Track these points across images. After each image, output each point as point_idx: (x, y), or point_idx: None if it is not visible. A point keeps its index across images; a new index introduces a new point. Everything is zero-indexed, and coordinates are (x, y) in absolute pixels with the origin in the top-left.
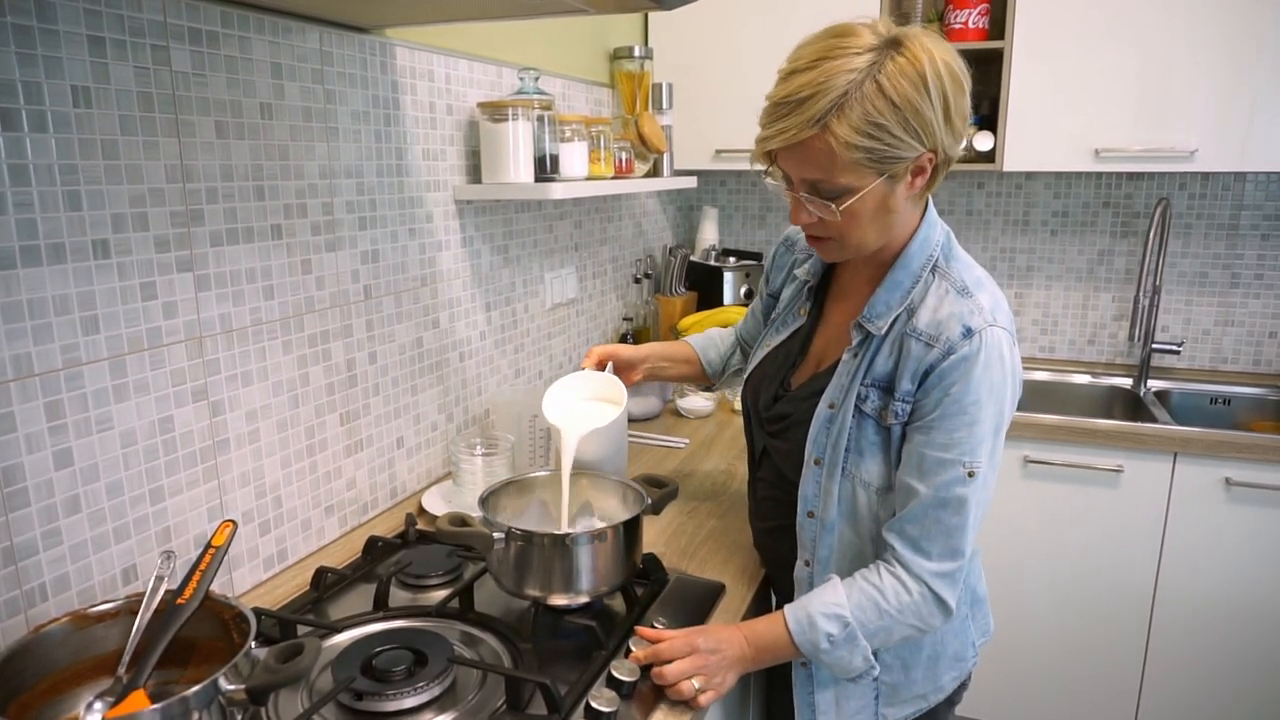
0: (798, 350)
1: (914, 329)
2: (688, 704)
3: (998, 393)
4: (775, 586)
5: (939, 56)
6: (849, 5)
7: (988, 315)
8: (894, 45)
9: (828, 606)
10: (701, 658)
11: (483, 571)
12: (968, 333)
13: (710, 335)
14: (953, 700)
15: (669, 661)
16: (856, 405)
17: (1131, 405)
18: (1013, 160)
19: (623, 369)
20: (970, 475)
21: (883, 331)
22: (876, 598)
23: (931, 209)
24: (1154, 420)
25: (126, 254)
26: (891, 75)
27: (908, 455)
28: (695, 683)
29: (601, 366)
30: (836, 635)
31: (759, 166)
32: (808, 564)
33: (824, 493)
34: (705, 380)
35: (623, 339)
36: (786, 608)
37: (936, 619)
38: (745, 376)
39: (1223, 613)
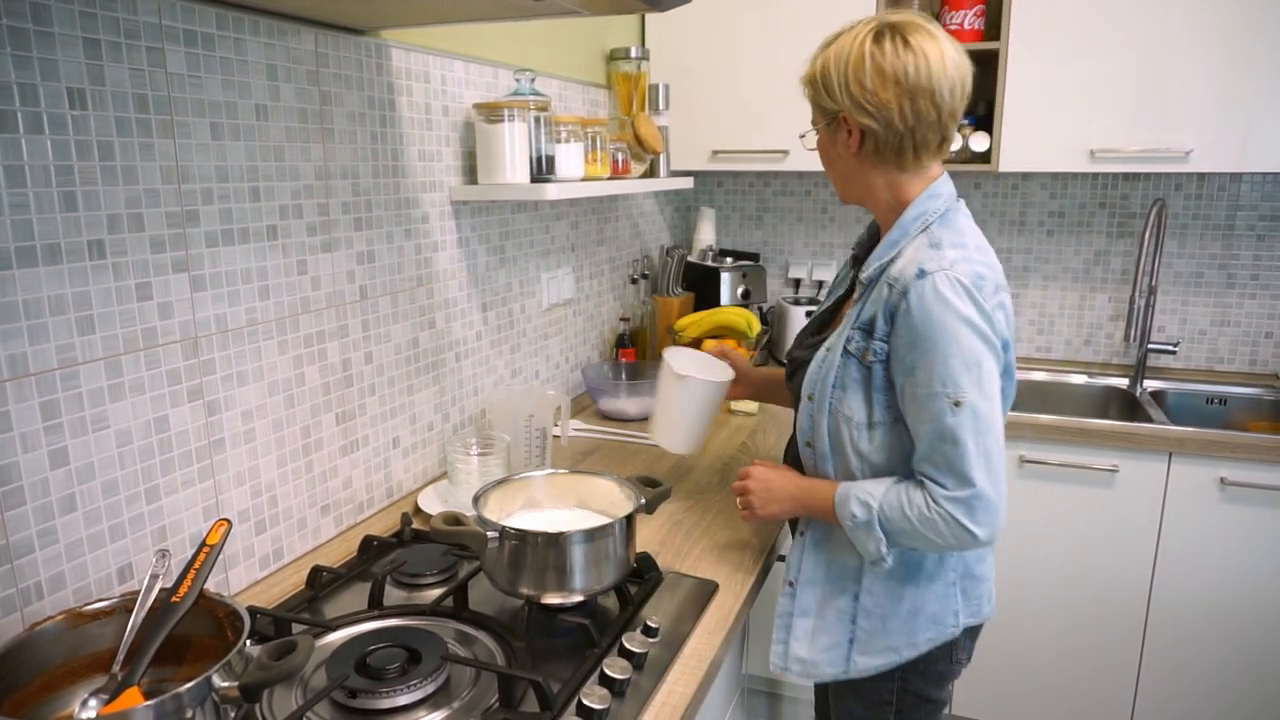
0: (830, 313)
1: (889, 274)
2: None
3: (964, 325)
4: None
5: (859, 44)
6: (844, 6)
7: (944, 263)
8: (847, 30)
9: (864, 493)
10: (754, 482)
11: (477, 570)
12: (921, 274)
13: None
14: (931, 674)
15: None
16: (844, 346)
17: (1127, 405)
18: (1009, 161)
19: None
20: (957, 405)
21: (870, 278)
22: (904, 503)
23: (939, 186)
24: (1150, 420)
25: (122, 255)
26: (835, 43)
27: (902, 403)
28: (750, 500)
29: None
30: (859, 518)
31: (803, 128)
32: None
33: (815, 426)
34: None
35: (619, 339)
36: (841, 482)
37: (965, 539)
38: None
39: (1218, 612)
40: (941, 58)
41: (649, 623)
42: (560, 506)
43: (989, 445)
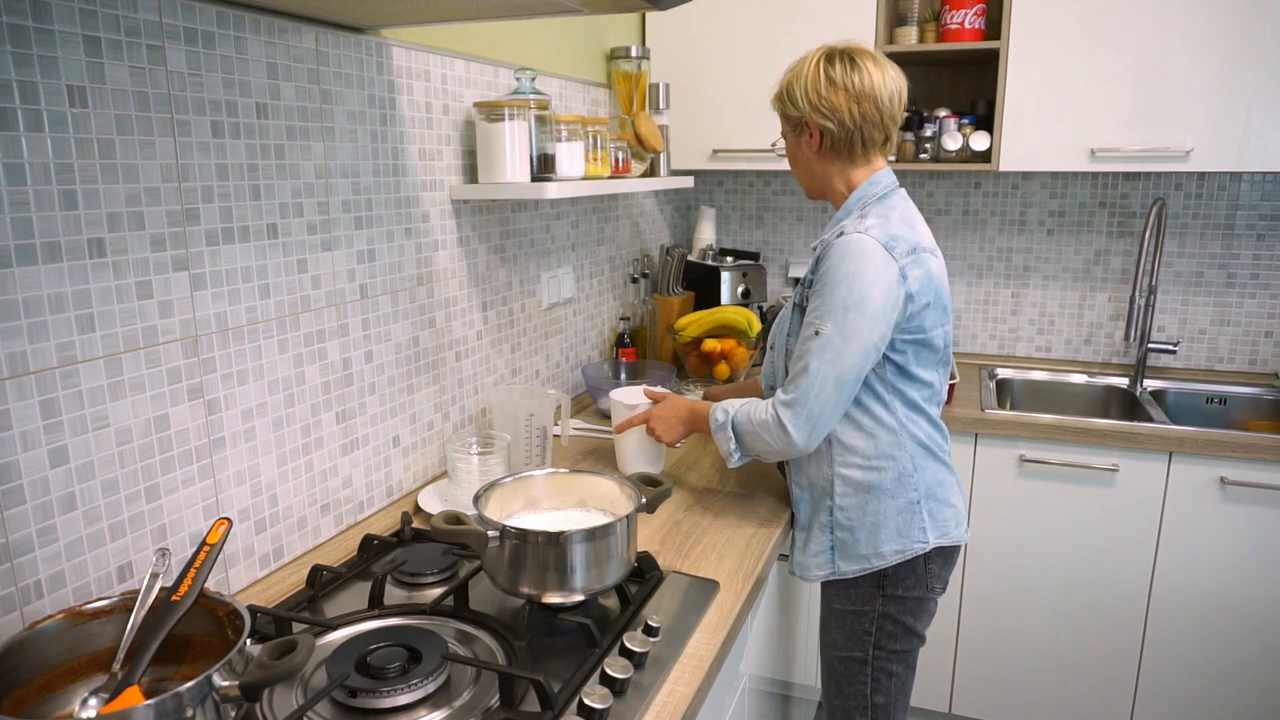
0: None
1: (822, 240)
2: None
3: (851, 278)
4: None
5: (814, 64)
6: (844, 6)
7: (861, 227)
8: (802, 58)
9: (729, 405)
10: (654, 421)
11: (477, 569)
12: (839, 235)
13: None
14: (908, 601)
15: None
16: (795, 302)
17: (1127, 405)
18: (1009, 160)
19: None
20: (816, 334)
21: (815, 247)
22: (751, 411)
23: (880, 176)
24: (1150, 420)
25: (122, 253)
26: (793, 68)
27: None
28: (657, 434)
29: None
30: (719, 420)
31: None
32: None
33: (776, 370)
34: None
35: (620, 338)
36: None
37: (781, 439)
38: None
39: (1217, 611)
40: (881, 74)
41: (650, 622)
42: (561, 506)
43: (827, 372)
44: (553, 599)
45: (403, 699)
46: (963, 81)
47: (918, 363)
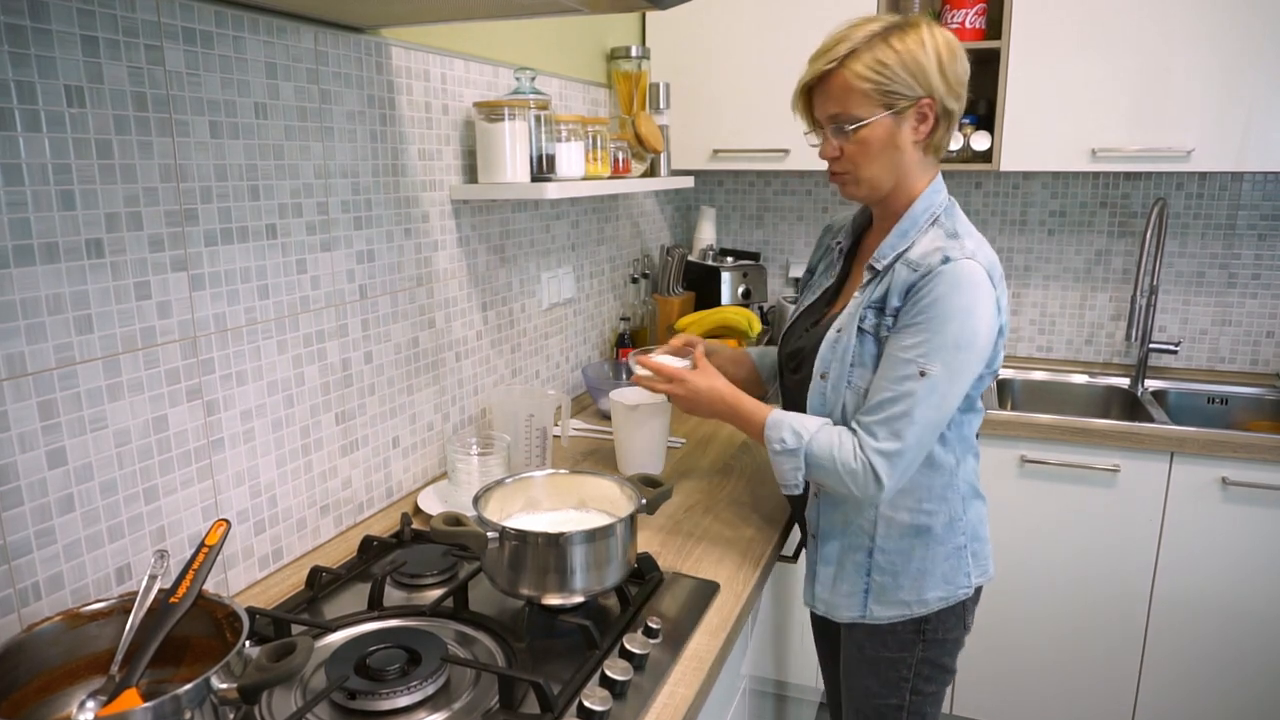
0: (824, 304)
1: (907, 259)
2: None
3: (964, 313)
4: (800, 525)
5: (938, 32)
6: (844, 6)
7: (967, 250)
8: (904, 24)
9: (800, 424)
10: (681, 396)
11: (477, 571)
12: (945, 259)
13: (765, 350)
14: (948, 641)
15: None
16: (858, 326)
17: (1128, 405)
18: (1010, 160)
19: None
20: (922, 375)
21: (884, 266)
22: (833, 444)
23: (940, 182)
24: (1151, 420)
25: (120, 253)
26: (899, 36)
27: (882, 359)
28: (676, 401)
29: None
30: (789, 444)
31: (802, 127)
32: None
33: (828, 402)
34: (760, 389)
35: (620, 339)
36: (774, 409)
37: (870, 490)
38: (782, 334)
39: (1219, 611)
40: None
41: (650, 624)
42: (561, 507)
43: (931, 418)
44: (552, 600)
45: (402, 701)
46: None
47: (977, 390)
